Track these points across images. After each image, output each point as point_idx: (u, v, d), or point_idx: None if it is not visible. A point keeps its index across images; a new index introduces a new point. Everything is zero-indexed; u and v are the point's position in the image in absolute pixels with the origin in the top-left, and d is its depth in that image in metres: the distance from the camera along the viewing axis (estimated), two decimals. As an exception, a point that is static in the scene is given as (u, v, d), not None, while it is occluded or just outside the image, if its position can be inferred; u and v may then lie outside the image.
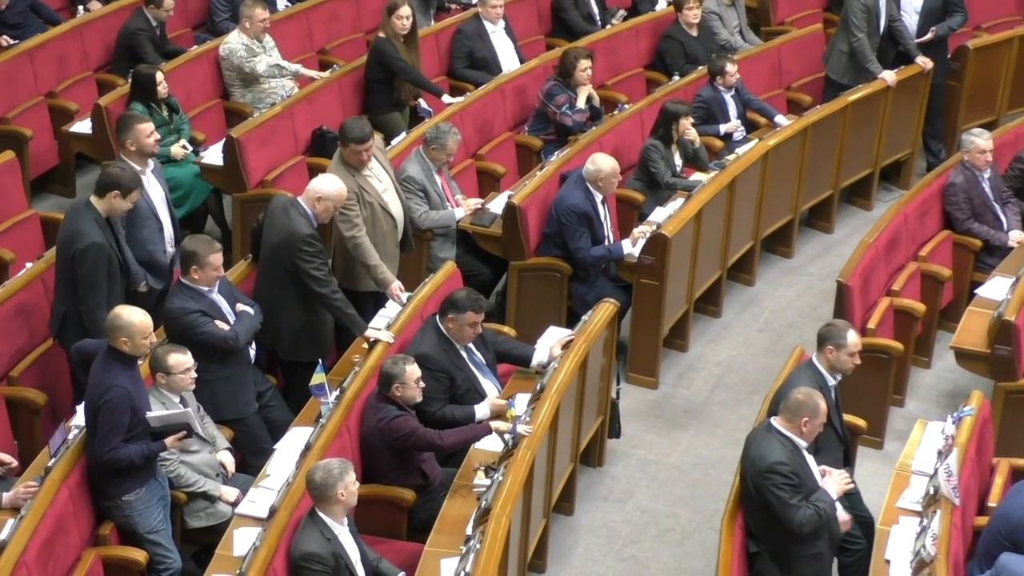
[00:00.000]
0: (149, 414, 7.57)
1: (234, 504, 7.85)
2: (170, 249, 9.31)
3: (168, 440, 7.62)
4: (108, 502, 7.64)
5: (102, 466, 7.53)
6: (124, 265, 8.68)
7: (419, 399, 8.18)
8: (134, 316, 7.55)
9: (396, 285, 9.31)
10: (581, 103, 11.70)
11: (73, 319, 8.60)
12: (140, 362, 7.82)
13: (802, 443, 7.63)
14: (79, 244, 8.47)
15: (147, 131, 9.15)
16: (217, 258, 8.41)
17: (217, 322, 8.39)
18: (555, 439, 8.47)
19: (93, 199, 8.61)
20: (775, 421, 7.69)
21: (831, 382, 8.25)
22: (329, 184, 8.98)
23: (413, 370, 8.12)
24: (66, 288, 8.60)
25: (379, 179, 9.59)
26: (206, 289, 8.45)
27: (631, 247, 10.17)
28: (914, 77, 12.71)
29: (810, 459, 7.69)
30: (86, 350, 7.97)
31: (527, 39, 13.36)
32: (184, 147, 10.99)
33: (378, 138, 9.97)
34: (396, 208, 9.61)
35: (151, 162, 9.29)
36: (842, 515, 7.76)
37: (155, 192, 9.26)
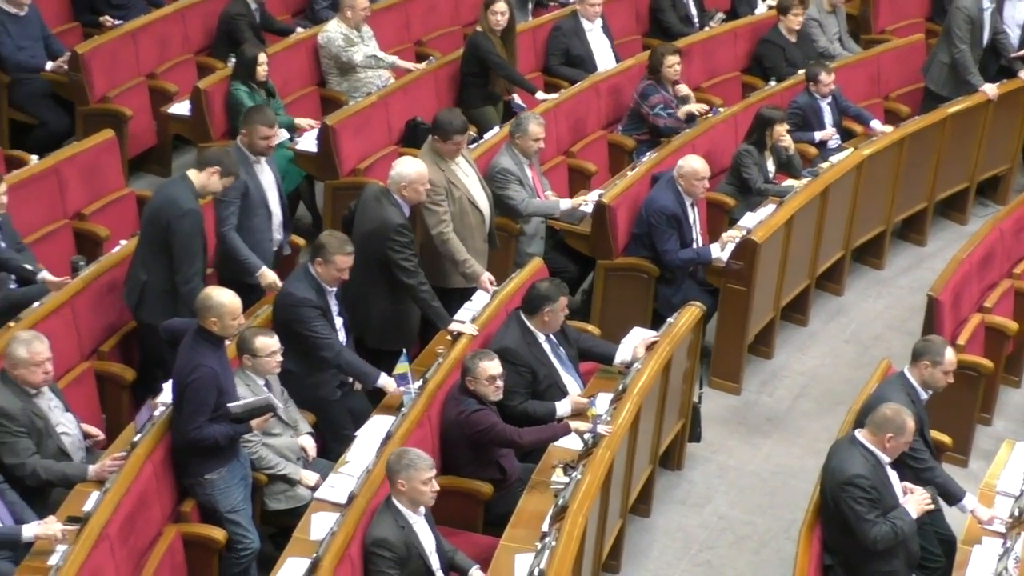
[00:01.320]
0: (231, 404, 7.61)
1: (313, 488, 7.90)
2: (278, 236, 9.39)
3: (254, 422, 7.69)
4: (191, 480, 7.72)
5: (186, 444, 7.61)
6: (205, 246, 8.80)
7: (492, 397, 8.17)
8: (224, 297, 7.62)
9: (486, 276, 9.34)
10: (684, 91, 11.69)
11: (153, 291, 8.69)
12: (227, 343, 7.89)
13: (885, 458, 7.56)
14: (176, 212, 8.56)
15: (263, 133, 9.20)
16: (343, 260, 8.44)
17: (329, 327, 8.44)
18: (635, 440, 8.46)
19: (191, 173, 8.71)
20: (860, 434, 7.63)
21: (923, 396, 8.17)
22: (409, 167, 9.00)
23: (487, 367, 8.12)
24: (152, 259, 8.68)
25: (466, 173, 9.62)
26: (327, 288, 8.51)
27: (719, 251, 10.12)
28: (1016, 91, 12.57)
29: (893, 475, 7.62)
30: (175, 329, 8.05)
31: (624, 38, 13.33)
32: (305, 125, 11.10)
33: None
34: (483, 202, 9.63)
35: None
36: None
37: (267, 180, 9.33)
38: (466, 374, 8.13)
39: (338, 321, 8.64)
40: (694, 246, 10.25)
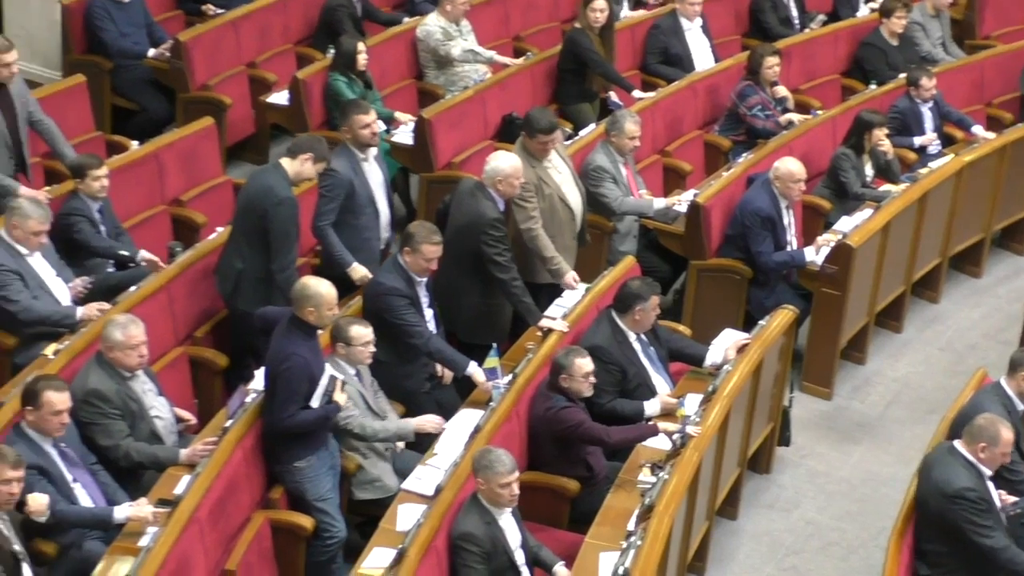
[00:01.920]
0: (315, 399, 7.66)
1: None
2: (385, 235, 9.43)
3: (337, 397, 7.71)
4: (280, 467, 7.78)
5: (278, 432, 7.67)
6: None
7: (586, 393, 8.17)
8: (323, 287, 7.67)
9: (571, 275, 9.32)
10: (782, 92, 11.63)
11: (248, 279, 8.76)
12: (320, 332, 7.94)
13: (986, 470, 7.47)
14: (272, 200, 8.62)
15: (362, 122, 9.21)
16: (431, 250, 8.46)
17: (418, 317, 8.48)
18: (724, 442, 8.41)
19: (284, 160, 8.77)
20: (958, 444, 7.54)
21: (1020, 407, 8.06)
22: (504, 161, 9.01)
23: (583, 363, 8.11)
24: (247, 247, 8.75)
25: (559, 170, 9.59)
26: (416, 277, 8.55)
27: (814, 255, 10.05)
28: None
29: (991, 486, 7.52)
30: (269, 317, 8.12)
31: (723, 38, 13.26)
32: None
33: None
34: (575, 200, 9.60)
35: (374, 149, 9.42)
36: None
37: (375, 179, 9.36)
38: (560, 371, 8.11)
39: (428, 312, 8.66)
40: (789, 249, 10.17)
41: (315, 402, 7.65)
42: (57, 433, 7.26)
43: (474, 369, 8.44)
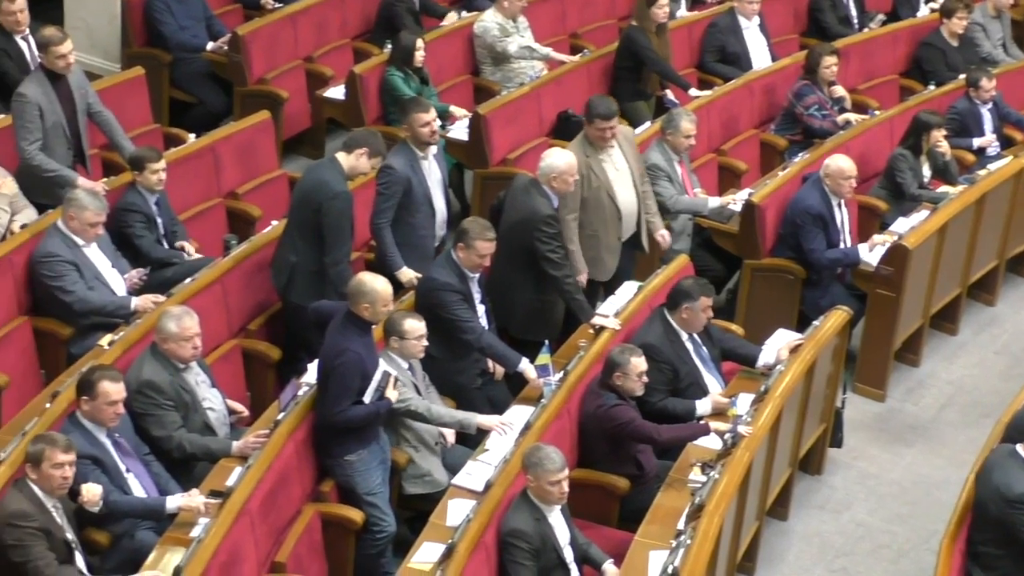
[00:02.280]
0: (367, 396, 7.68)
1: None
2: (440, 233, 9.45)
3: (389, 394, 7.73)
4: (331, 460, 7.81)
5: (330, 426, 7.70)
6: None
7: (639, 392, 8.17)
8: (378, 283, 7.68)
9: (585, 276, 9.31)
10: (840, 92, 11.59)
11: (302, 272, 8.79)
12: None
13: None
14: (327, 194, 8.65)
15: (422, 120, 9.23)
16: (484, 246, 8.48)
17: (470, 312, 8.50)
18: (775, 443, 8.38)
19: (339, 155, 8.80)
20: (1020, 448, 7.49)
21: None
22: (558, 158, 9.01)
23: (639, 362, 8.11)
24: (302, 240, 8.77)
25: (616, 167, 9.54)
26: (469, 273, 8.57)
27: (867, 252, 9.99)
28: None
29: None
30: (323, 311, 8.15)
31: (781, 37, 13.21)
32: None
33: (628, 129, 9.96)
34: (625, 200, 9.51)
35: (433, 147, 9.45)
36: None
37: (433, 177, 9.37)
38: (614, 368, 8.10)
39: (480, 308, 8.68)
40: (842, 247, 10.13)
41: (367, 397, 7.67)
42: (111, 423, 7.33)
43: (526, 366, 8.45)
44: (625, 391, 8.12)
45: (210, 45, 11.77)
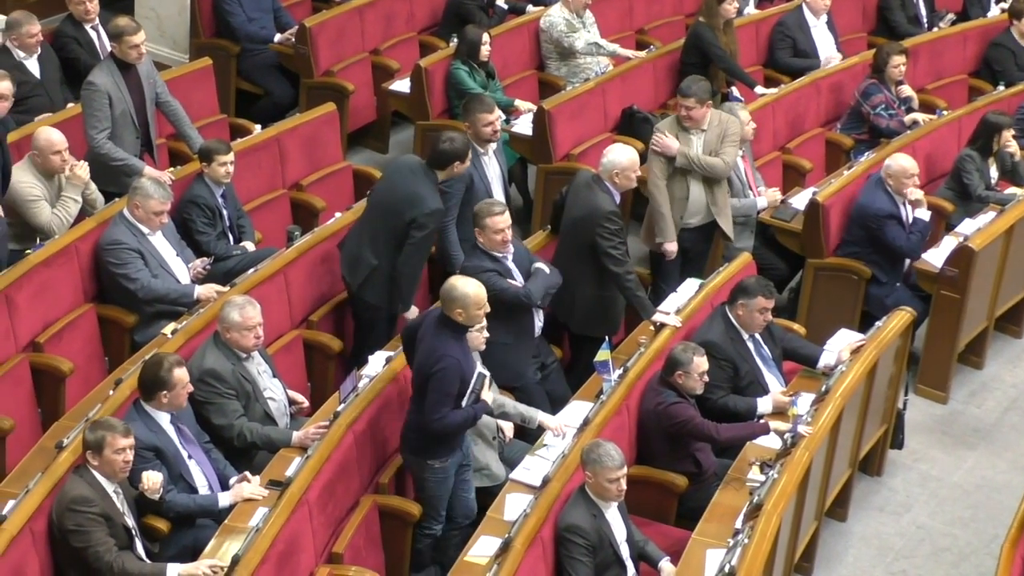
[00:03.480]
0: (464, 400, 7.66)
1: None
2: None
3: (485, 395, 7.69)
4: (414, 458, 7.76)
5: (427, 431, 7.61)
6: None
7: (699, 391, 8.15)
8: (469, 287, 7.58)
9: (674, 245, 9.48)
10: (907, 91, 11.55)
11: (382, 276, 8.80)
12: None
13: None
14: (422, 209, 8.64)
15: (485, 120, 9.31)
16: (495, 221, 8.47)
17: (510, 281, 8.53)
18: (835, 443, 8.34)
19: (437, 171, 8.77)
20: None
21: None
22: (621, 155, 9.01)
23: (701, 362, 8.09)
24: (388, 246, 8.75)
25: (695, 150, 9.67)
26: (500, 254, 8.59)
27: (925, 212, 10.02)
28: None
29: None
30: (412, 328, 7.98)
31: (849, 35, 13.12)
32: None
33: (735, 123, 9.92)
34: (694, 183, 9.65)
35: (494, 144, 9.48)
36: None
37: (492, 172, 9.46)
38: (676, 367, 8.09)
39: (520, 281, 8.69)
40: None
41: (465, 401, 7.61)
42: (184, 406, 7.44)
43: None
44: (686, 389, 8.10)
45: (277, 37, 11.84)
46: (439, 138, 8.88)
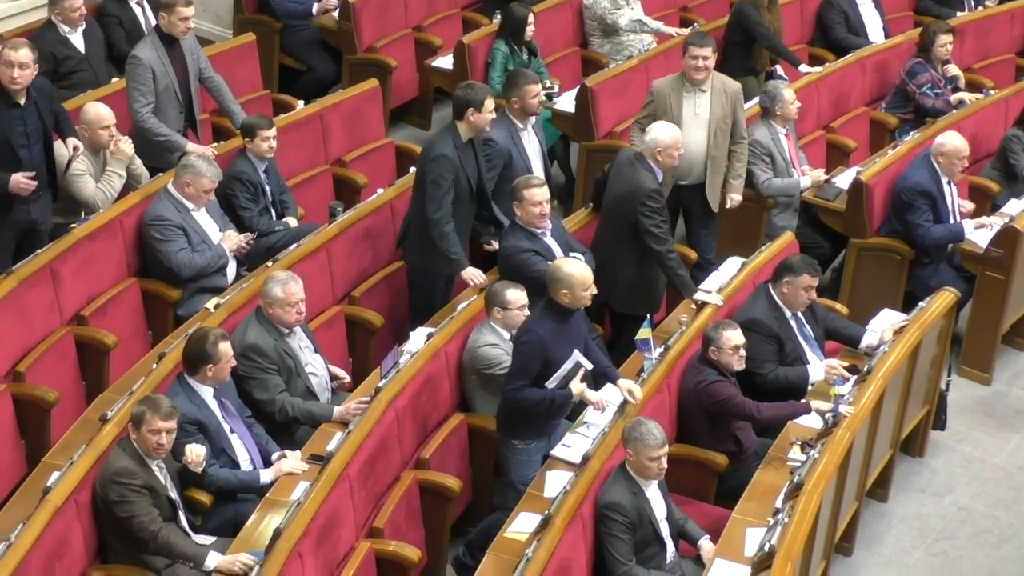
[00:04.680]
0: (548, 383, 7.64)
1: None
2: None
3: (574, 386, 7.67)
4: (500, 434, 7.78)
5: (505, 401, 7.67)
6: (477, 193, 8.89)
7: (736, 367, 8.12)
8: (575, 268, 7.56)
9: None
10: (953, 71, 11.48)
11: (415, 232, 8.87)
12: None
13: None
14: (429, 155, 8.73)
15: (534, 91, 9.33)
16: (533, 194, 8.48)
17: (548, 262, 8.53)
18: (876, 423, 8.31)
19: (456, 122, 8.81)
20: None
21: None
22: (664, 132, 8.98)
23: (731, 336, 8.07)
24: (415, 202, 8.86)
25: (696, 111, 9.64)
26: (539, 231, 8.58)
27: (972, 229, 9.86)
28: None
29: None
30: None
31: (895, 14, 13.03)
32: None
33: (736, 87, 9.89)
34: (689, 143, 9.49)
35: (534, 117, 9.48)
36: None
37: (532, 147, 9.46)
38: (708, 343, 8.09)
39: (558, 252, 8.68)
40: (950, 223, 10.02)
41: (551, 383, 7.61)
42: (228, 379, 7.48)
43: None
44: (723, 366, 8.09)
45: (315, 7, 11.83)
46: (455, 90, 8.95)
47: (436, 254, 8.77)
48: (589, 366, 7.76)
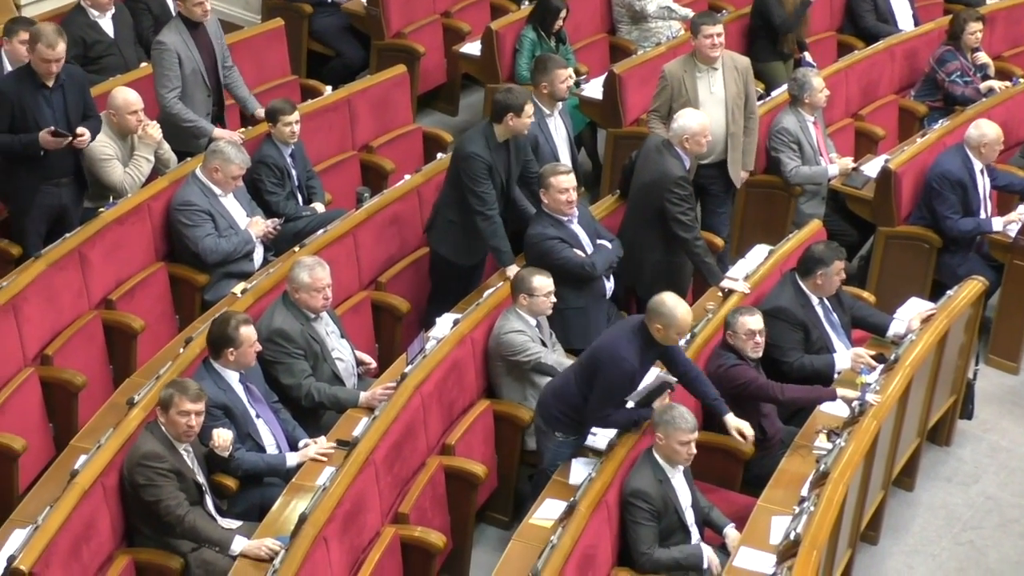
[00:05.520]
0: (631, 396, 7.62)
1: None
2: None
3: (657, 405, 7.64)
4: (544, 425, 7.75)
5: (584, 417, 7.62)
6: (506, 189, 8.88)
7: (751, 353, 8.10)
8: (681, 311, 7.40)
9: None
10: (983, 59, 11.42)
11: (442, 221, 8.89)
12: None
13: None
14: (462, 153, 8.72)
15: (563, 76, 9.36)
16: (559, 181, 8.50)
17: (574, 250, 8.54)
18: (903, 412, 8.29)
19: (494, 124, 8.79)
20: None
21: None
22: (692, 119, 8.97)
23: (747, 321, 8.06)
24: (447, 194, 8.88)
25: (711, 90, 9.72)
26: (566, 218, 8.58)
27: (1001, 225, 9.82)
28: None
29: None
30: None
31: (925, 1, 12.95)
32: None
33: (745, 60, 10.00)
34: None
35: (560, 103, 9.47)
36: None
37: (559, 134, 9.48)
38: (726, 328, 8.11)
39: (590, 249, 8.69)
40: (981, 215, 9.95)
41: (631, 401, 7.62)
42: (252, 363, 7.50)
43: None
44: (738, 351, 8.07)
45: None
46: (493, 91, 8.93)
47: (462, 246, 8.83)
48: (674, 382, 7.76)
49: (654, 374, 7.75)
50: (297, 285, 7.88)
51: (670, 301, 7.44)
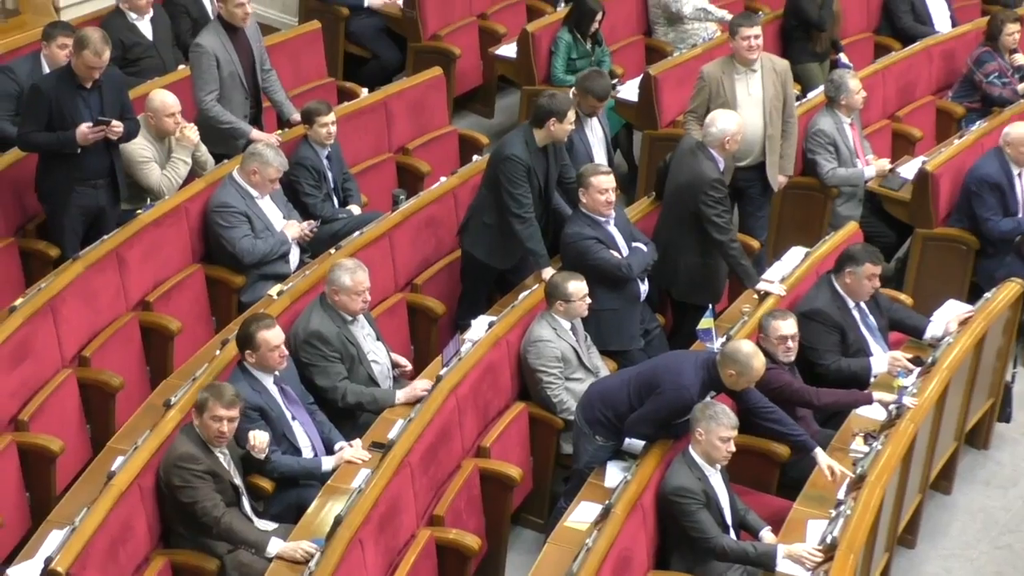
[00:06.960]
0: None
1: None
2: None
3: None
4: (586, 426, 7.73)
5: (625, 429, 7.64)
6: (544, 194, 8.88)
7: (781, 357, 8.05)
8: (756, 361, 7.35)
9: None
10: (1021, 60, 11.35)
11: (476, 224, 8.90)
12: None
13: None
14: (501, 156, 8.73)
15: (592, 103, 9.41)
16: (599, 181, 8.52)
17: (611, 251, 8.54)
18: (940, 415, 8.25)
19: (534, 128, 8.80)
20: None
21: None
22: (727, 121, 8.95)
23: (780, 326, 8.02)
24: (483, 197, 8.89)
25: (749, 92, 9.71)
26: (603, 219, 8.58)
27: None
28: None
29: None
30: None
31: (962, 2, 12.91)
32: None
33: (784, 63, 10.00)
34: (747, 123, 9.49)
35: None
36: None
37: (596, 135, 9.50)
38: (760, 331, 8.08)
39: (625, 249, 8.69)
40: (1020, 216, 9.91)
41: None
42: (279, 366, 7.49)
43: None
44: (772, 355, 8.03)
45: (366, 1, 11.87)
46: (535, 96, 8.93)
47: (497, 249, 8.83)
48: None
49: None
50: (337, 287, 7.90)
51: (746, 349, 7.40)
